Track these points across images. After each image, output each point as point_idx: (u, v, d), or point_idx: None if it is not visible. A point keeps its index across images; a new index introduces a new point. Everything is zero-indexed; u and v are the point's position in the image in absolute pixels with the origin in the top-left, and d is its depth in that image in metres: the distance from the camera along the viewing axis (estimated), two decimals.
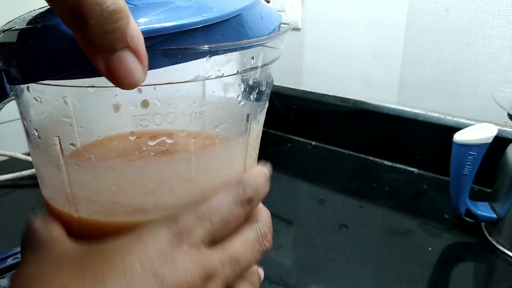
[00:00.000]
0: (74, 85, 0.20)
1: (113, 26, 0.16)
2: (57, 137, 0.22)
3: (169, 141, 0.23)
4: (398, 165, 0.64)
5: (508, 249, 0.44)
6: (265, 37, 0.22)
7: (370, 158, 0.67)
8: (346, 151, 0.69)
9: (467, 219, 0.46)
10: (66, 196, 0.23)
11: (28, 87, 0.22)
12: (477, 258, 0.43)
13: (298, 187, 0.60)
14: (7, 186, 0.56)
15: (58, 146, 0.22)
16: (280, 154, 0.70)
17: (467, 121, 0.57)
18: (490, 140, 0.42)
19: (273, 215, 0.26)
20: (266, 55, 0.25)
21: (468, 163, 0.43)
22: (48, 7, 0.20)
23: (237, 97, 0.25)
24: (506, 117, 0.44)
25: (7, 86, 0.23)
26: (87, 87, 0.20)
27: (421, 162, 0.62)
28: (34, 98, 0.23)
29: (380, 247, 0.45)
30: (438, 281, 0.40)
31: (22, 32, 0.19)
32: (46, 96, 0.22)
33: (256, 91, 0.26)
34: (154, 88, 0.21)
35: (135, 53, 0.17)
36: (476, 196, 0.47)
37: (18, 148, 0.62)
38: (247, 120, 0.26)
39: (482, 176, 0.46)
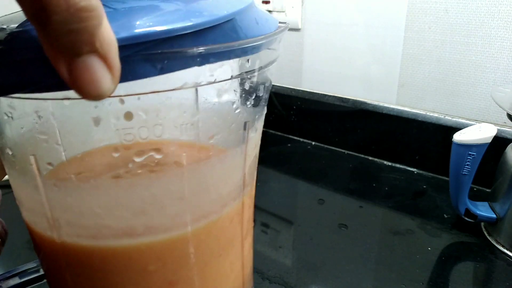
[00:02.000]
0: (48, 98, 0.18)
1: (80, 26, 0.14)
2: (33, 156, 0.20)
3: (157, 156, 0.21)
4: (397, 165, 0.64)
5: (507, 249, 0.44)
6: (261, 37, 0.20)
7: (370, 158, 0.67)
8: (346, 151, 0.69)
9: (467, 219, 0.46)
10: (46, 219, 0.21)
11: None
12: (476, 258, 0.43)
13: (298, 187, 0.60)
14: (7, 186, 0.56)
15: (34, 165, 0.20)
16: (280, 154, 0.70)
17: (467, 121, 0.57)
18: (490, 140, 0.42)
19: (273, 215, 0.26)
20: (262, 57, 0.23)
21: (468, 163, 0.43)
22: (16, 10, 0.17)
23: (233, 104, 0.23)
24: (506, 117, 0.44)
25: None
26: (62, 99, 0.18)
27: (421, 162, 0.62)
28: (5, 113, 0.20)
29: (380, 247, 0.45)
30: (437, 280, 0.40)
31: None
32: (18, 111, 0.20)
33: (253, 97, 0.24)
34: (138, 98, 0.19)
35: (104, 59, 0.14)
36: (475, 196, 0.47)
37: None
38: (244, 128, 0.23)
39: (482, 176, 0.46)
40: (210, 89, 0.21)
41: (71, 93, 0.16)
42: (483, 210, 0.46)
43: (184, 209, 0.22)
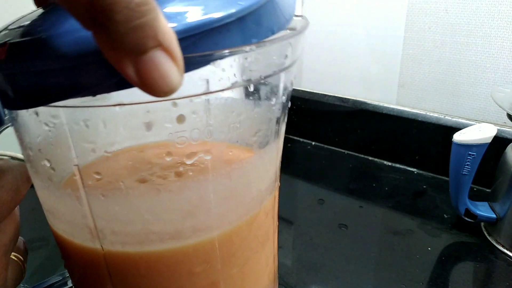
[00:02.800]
0: (98, 105, 0.17)
1: (142, 21, 0.13)
2: (76, 166, 0.19)
3: (206, 157, 0.20)
4: (397, 165, 0.64)
5: (507, 249, 0.44)
6: (300, 28, 0.20)
7: (370, 158, 0.67)
8: (346, 151, 0.69)
9: (467, 219, 0.46)
10: (89, 230, 0.20)
11: (36, 112, 0.19)
12: (476, 258, 0.43)
13: (298, 187, 0.60)
14: None
15: (78, 176, 0.19)
16: None
17: (467, 121, 0.57)
18: (490, 140, 0.42)
19: None
20: (294, 50, 0.21)
21: (468, 163, 0.43)
22: (39, 10, 0.17)
23: (272, 100, 0.22)
24: (506, 117, 0.44)
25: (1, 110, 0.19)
26: (114, 105, 0.17)
27: (421, 162, 0.62)
28: (45, 123, 0.19)
29: (380, 247, 0.45)
30: (437, 281, 0.40)
31: (21, 46, 0.16)
32: (61, 119, 0.19)
33: (287, 91, 0.23)
34: (191, 100, 0.19)
35: (168, 52, 0.14)
36: (475, 196, 0.47)
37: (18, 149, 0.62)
38: (277, 123, 0.23)
39: (482, 176, 0.46)
40: (252, 87, 0.21)
41: (123, 97, 0.16)
42: (483, 210, 0.46)
43: (228, 208, 0.22)
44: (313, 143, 0.73)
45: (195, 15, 0.15)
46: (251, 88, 0.20)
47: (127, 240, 0.21)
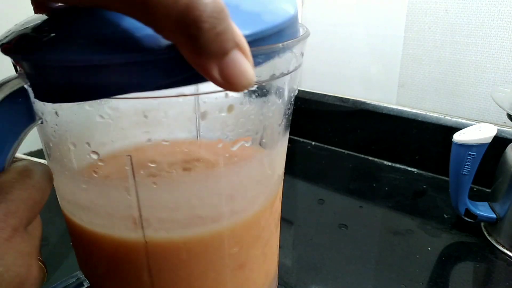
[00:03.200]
0: (159, 96, 0.18)
1: (223, 26, 0.14)
2: (129, 157, 0.20)
3: (247, 144, 0.23)
4: (397, 165, 0.64)
5: (507, 249, 0.44)
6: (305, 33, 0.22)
7: (370, 158, 0.67)
8: (346, 151, 0.69)
9: (467, 219, 0.46)
10: (132, 221, 0.21)
11: (91, 104, 0.20)
12: (476, 258, 0.43)
13: (298, 187, 0.60)
14: None
15: (130, 167, 0.20)
16: None
17: (467, 121, 0.57)
18: (490, 140, 0.42)
19: None
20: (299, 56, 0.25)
21: (468, 163, 0.43)
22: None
23: (280, 99, 0.25)
24: (506, 117, 0.44)
25: (36, 106, 0.19)
26: (175, 96, 0.18)
27: (421, 162, 0.62)
28: (100, 115, 0.20)
29: (380, 247, 0.45)
30: (437, 281, 0.40)
31: (90, 41, 0.16)
32: (120, 112, 0.19)
33: (292, 93, 0.27)
34: (218, 97, 0.20)
35: (243, 51, 0.15)
36: (475, 196, 0.47)
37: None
38: (286, 119, 0.27)
39: (482, 176, 0.46)
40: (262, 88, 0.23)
41: (183, 88, 0.17)
42: (483, 210, 0.46)
43: (259, 191, 0.24)
44: (313, 143, 0.73)
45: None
46: (260, 92, 0.23)
47: (172, 226, 0.22)
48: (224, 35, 0.14)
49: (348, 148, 0.69)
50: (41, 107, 0.20)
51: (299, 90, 0.73)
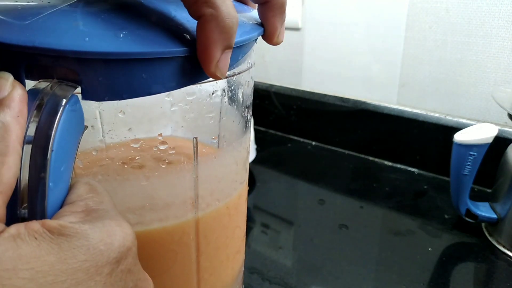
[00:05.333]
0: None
1: None
2: (195, 139, 0.23)
3: (209, 143, 0.26)
4: (398, 165, 0.64)
5: (508, 250, 0.44)
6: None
7: (370, 158, 0.67)
8: (346, 151, 0.69)
9: (468, 219, 0.46)
10: (190, 202, 0.24)
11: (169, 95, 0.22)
12: (477, 258, 0.43)
13: (298, 187, 0.60)
14: None
15: (195, 148, 0.23)
16: (280, 154, 0.70)
17: (468, 121, 0.57)
18: (491, 140, 0.42)
19: (273, 216, 0.26)
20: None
21: (469, 163, 0.43)
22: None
23: (236, 102, 0.27)
24: (507, 117, 0.44)
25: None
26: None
27: (422, 162, 0.62)
28: (174, 105, 0.23)
29: (380, 247, 0.45)
30: (438, 281, 0.40)
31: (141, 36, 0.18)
32: (199, 95, 0.23)
33: (248, 96, 0.28)
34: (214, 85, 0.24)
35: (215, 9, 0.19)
36: (476, 196, 0.47)
37: None
38: (243, 119, 0.29)
39: (483, 176, 0.46)
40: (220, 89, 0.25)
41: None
42: (484, 210, 0.46)
43: (236, 179, 0.28)
44: (313, 143, 0.73)
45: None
46: (219, 91, 0.25)
47: (220, 196, 0.25)
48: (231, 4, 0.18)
49: (348, 148, 0.69)
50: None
51: (299, 90, 0.73)
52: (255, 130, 0.61)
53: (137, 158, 0.24)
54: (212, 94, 0.24)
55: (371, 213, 0.52)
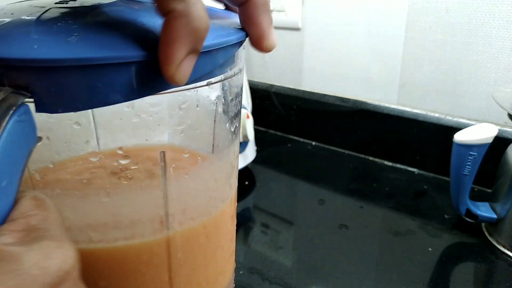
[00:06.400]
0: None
1: None
2: (162, 153, 0.21)
3: (199, 151, 0.26)
4: (398, 165, 0.64)
5: (508, 250, 0.44)
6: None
7: (370, 158, 0.67)
8: (346, 151, 0.69)
9: (468, 219, 0.46)
10: (159, 220, 0.22)
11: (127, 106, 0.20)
12: (477, 258, 0.43)
13: (298, 187, 0.60)
14: None
15: (162, 164, 0.21)
16: (280, 154, 0.70)
17: (468, 121, 0.57)
18: (491, 140, 0.42)
19: (273, 215, 0.26)
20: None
21: (469, 163, 0.43)
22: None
23: (220, 107, 0.26)
24: (507, 117, 0.44)
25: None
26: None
27: (422, 162, 0.62)
28: (137, 115, 0.21)
29: (380, 247, 0.45)
30: (438, 281, 0.40)
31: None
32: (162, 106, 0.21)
33: (236, 102, 0.27)
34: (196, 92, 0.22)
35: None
36: (476, 196, 0.47)
37: None
38: (231, 129, 0.28)
39: (483, 176, 0.46)
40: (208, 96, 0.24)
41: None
42: (484, 210, 0.46)
43: (215, 196, 0.26)
44: (313, 143, 0.73)
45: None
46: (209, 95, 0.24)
47: (194, 214, 0.23)
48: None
49: (348, 148, 0.69)
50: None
51: (299, 90, 0.73)
52: (255, 130, 0.61)
53: (94, 172, 0.23)
54: (182, 105, 0.23)
55: (371, 213, 0.52)
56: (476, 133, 0.42)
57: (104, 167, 0.23)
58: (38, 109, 0.16)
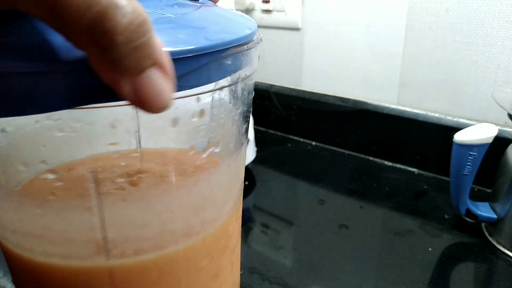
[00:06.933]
0: (124, 104, 0.17)
1: (141, 41, 0.13)
2: (93, 173, 0.19)
3: (216, 150, 0.24)
4: (398, 165, 0.64)
5: (508, 250, 0.44)
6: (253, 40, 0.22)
7: (370, 158, 0.67)
8: (346, 151, 0.69)
9: (468, 219, 0.46)
10: (95, 244, 0.19)
11: (47, 117, 0.18)
12: (477, 258, 0.43)
13: (298, 187, 0.60)
14: None
15: (93, 184, 0.18)
16: (280, 154, 0.70)
17: (468, 121, 0.57)
18: (491, 140, 0.42)
19: (273, 215, 0.26)
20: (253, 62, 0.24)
21: (469, 163, 0.43)
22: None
23: (237, 110, 0.25)
24: (507, 117, 0.44)
25: None
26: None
27: (422, 162, 0.62)
28: (60, 129, 0.18)
29: (380, 247, 0.45)
30: (438, 281, 0.40)
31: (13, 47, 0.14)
32: (85, 123, 0.19)
33: (246, 103, 0.26)
34: (212, 96, 0.20)
35: (163, 69, 0.14)
36: (476, 196, 0.47)
37: None
38: (240, 131, 0.27)
39: (483, 176, 0.46)
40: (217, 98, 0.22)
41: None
42: (484, 210, 0.46)
43: (227, 198, 0.24)
44: (313, 143, 0.73)
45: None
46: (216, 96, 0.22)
47: (141, 246, 0.20)
48: (141, 51, 0.13)
49: (348, 148, 0.69)
50: None
51: (299, 90, 0.73)
52: (255, 130, 0.61)
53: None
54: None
55: (371, 213, 0.52)
56: (476, 133, 0.42)
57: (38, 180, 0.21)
58: None
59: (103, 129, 0.19)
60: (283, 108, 0.76)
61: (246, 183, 0.58)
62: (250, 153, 0.60)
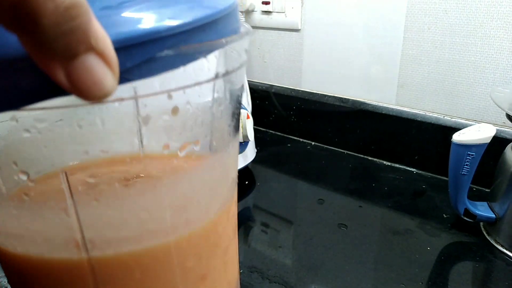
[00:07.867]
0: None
1: (72, 25, 0.12)
2: (64, 174, 0.18)
3: (196, 149, 0.23)
4: (397, 165, 0.64)
5: (506, 249, 0.44)
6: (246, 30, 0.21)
7: (369, 158, 0.67)
8: (346, 151, 0.69)
9: (466, 218, 0.47)
10: (74, 244, 0.19)
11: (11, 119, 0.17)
12: (475, 257, 0.43)
13: (297, 187, 0.61)
14: None
15: (66, 185, 0.18)
16: (280, 154, 0.70)
17: (466, 122, 0.57)
18: (489, 140, 0.42)
19: (273, 215, 0.26)
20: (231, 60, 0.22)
21: (467, 163, 0.43)
22: None
23: (220, 106, 0.24)
24: (505, 117, 0.44)
25: None
26: (111, 101, 0.16)
27: (420, 162, 0.62)
28: (26, 130, 0.18)
29: (379, 246, 0.45)
30: (436, 280, 0.40)
31: None
32: (49, 124, 0.18)
33: (235, 99, 0.25)
34: (184, 92, 0.19)
35: (102, 56, 0.14)
36: (474, 196, 0.47)
37: None
38: (229, 127, 0.26)
39: (481, 176, 0.46)
40: (197, 94, 0.21)
41: (123, 93, 0.15)
42: (482, 210, 0.46)
43: (213, 198, 0.23)
44: (313, 143, 0.73)
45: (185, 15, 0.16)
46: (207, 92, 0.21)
47: (120, 245, 0.20)
48: (72, 35, 0.13)
49: (347, 148, 0.69)
50: None
51: (298, 90, 0.74)
52: (255, 130, 0.61)
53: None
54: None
55: (370, 213, 0.52)
56: (475, 133, 0.42)
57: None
58: None
59: (71, 130, 0.19)
60: (283, 108, 0.76)
61: (246, 182, 0.58)
62: (250, 153, 0.60)
